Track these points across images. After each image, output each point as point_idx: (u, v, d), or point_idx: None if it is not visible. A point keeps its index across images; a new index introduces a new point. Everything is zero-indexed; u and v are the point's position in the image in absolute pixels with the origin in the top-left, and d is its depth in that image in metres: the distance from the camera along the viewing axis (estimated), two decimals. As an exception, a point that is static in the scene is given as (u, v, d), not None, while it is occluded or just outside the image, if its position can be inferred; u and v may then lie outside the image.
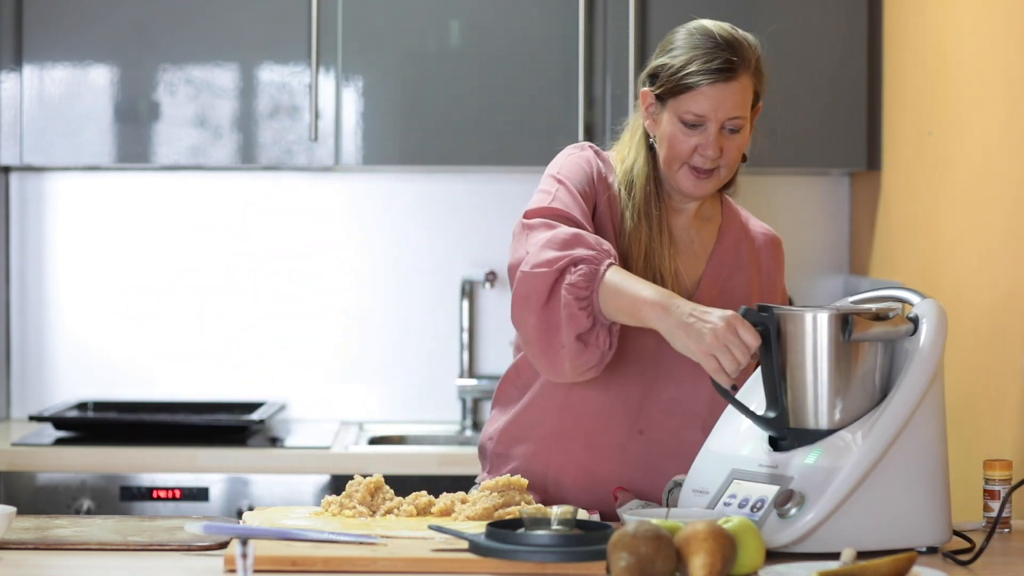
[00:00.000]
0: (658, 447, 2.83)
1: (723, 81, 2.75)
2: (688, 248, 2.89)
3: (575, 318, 2.66)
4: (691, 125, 2.77)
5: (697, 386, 2.82)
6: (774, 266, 3.00)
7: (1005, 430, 3.24)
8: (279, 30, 4.23)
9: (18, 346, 4.54)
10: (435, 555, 2.39)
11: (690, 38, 2.79)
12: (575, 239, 2.71)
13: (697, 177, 2.81)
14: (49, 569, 2.42)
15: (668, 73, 2.77)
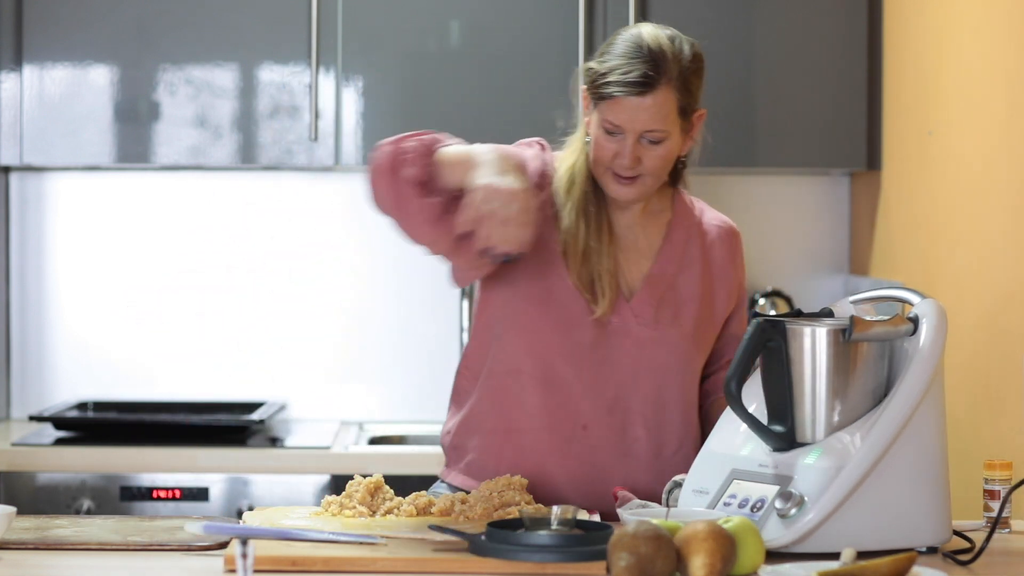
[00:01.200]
0: (603, 444, 2.84)
1: (637, 95, 2.76)
2: (632, 245, 2.89)
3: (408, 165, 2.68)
4: (611, 133, 2.78)
5: (638, 386, 2.83)
6: (728, 259, 2.98)
7: (1005, 430, 3.24)
8: (279, 30, 4.23)
9: (18, 346, 4.54)
10: (435, 555, 2.39)
11: (621, 44, 2.80)
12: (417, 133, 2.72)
13: (618, 183, 2.81)
14: (49, 569, 2.42)
15: (592, 78, 2.79)
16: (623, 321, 2.84)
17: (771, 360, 2.55)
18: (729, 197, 4.62)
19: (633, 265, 2.88)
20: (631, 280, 2.87)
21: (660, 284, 2.87)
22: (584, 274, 2.81)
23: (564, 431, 2.83)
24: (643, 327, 2.84)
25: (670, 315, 2.87)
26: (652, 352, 2.85)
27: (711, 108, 4.28)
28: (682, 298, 2.88)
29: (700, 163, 4.31)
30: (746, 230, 4.60)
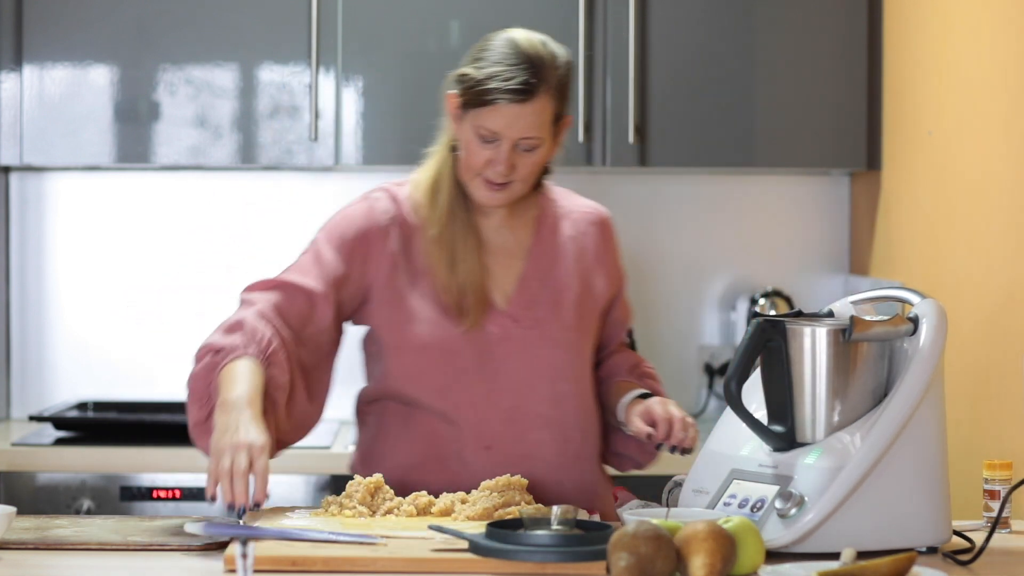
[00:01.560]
0: (508, 457, 2.82)
1: (518, 102, 2.74)
2: (503, 248, 2.88)
3: (190, 407, 2.71)
4: (485, 140, 2.76)
5: (533, 389, 2.83)
6: (602, 244, 2.96)
7: (1005, 430, 3.24)
8: (279, 30, 4.23)
9: (18, 346, 4.54)
10: (435, 555, 2.39)
11: (497, 50, 2.78)
12: (233, 327, 2.72)
13: (489, 189, 2.80)
14: (49, 569, 2.42)
15: (468, 84, 2.77)
16: (504, 329, 2.82)
17: (771, 360, 2.55)
18: (729, 197, 4.62)
19: (506, 268, 2.87)
20: (505, 284, 2.86)
21: (534, 283, 2.86)
22: (452, 286, 2.79)
23: (468, 455, 2.81)
24: (526, 330, 2.83)
25: (550, 312, 2.86)
26: (540, 352, 2.84)
27: (711, 108, 4.30)
28: (560, 292, 2.87)
29: (701, 163, 4.33)
30: (746, 230, 4.62)
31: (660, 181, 4.61)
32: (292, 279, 2.81)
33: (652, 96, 4.27)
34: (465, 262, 2.80)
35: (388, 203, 2.86)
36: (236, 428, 2.53)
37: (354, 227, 2.85)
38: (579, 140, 4.23)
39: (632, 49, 4.24)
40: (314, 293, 2.79)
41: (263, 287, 2.82)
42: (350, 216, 2.87)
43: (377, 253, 2.82)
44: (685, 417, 2.78)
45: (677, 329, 4.61)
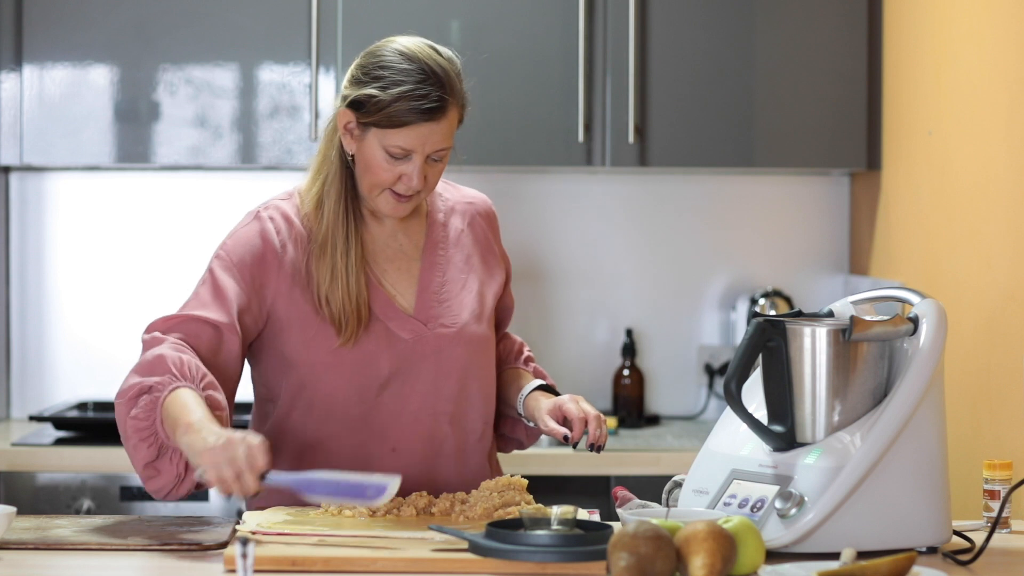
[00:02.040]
0: (413, 457, 2.81)
1: (433, 121, 2.72)
2: (400, 253, 2.86)
3: (138, 449, 2.64)
4: (396, 157, 2.74)
5: (440, 389, 2.82)
6: (490, 231, 2.97)
7: (1005, 430, 3.24)
8: (279, 30, 4.23)
9: (18, 346, 4.54)
10: (435, 555, 2.39)
11: (399, 67, 2.73)
12: (156, 365, 2.64)
13: (398, 201, 2.78)
14: (49, 569, 2.42)
15: (378, 106, 2.71)
16: (417, 334, 2.81)
17: (771, 360, 2.55)
18: (729, 197, 4.62)
19: (404, 273, 2.86)
20: (405, 290, 2.84)
21: (434, 282, 2.86)
22: (332, 300, 2.76)
23: (371, 460, 2.79)
24: (437, 331, 2.82)
25: (456, 309, 2.85)
26: (452, 352, 2.83)
27: (712, 108, 4.30)
28: (460, 286, 2.87)
29: (700, 163, 4.33)
30: (746, 230, 4.62)
31: (660, 181, 4.61)
32: (196, 313, 2.76)
33: (652, 96, 4.27)
34: (344, 277, 2.77)
35: (280, 220, 2.82)
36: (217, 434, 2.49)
37: (249, 251, 2.79)
38: (579, 140, 4.23)
39: (632, 49, 4.24)
40: (220, 325, 2.74)
41: (166, 324, 2.76)
42: (243, 239, 2.81)
43: (275, 273, 2.79)
44: (599, 414, 2.78)
45: (677, 329, 4.62)
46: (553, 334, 4.61)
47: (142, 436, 2.63)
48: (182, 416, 2.55)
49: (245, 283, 2.78)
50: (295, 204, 2.85)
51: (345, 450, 2.80)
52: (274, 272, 2.79)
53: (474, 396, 2.86)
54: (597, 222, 4.61)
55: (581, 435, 2.78)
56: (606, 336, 4.61)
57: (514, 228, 4.59)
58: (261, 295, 2.79)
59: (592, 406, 2.81)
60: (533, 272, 4.59)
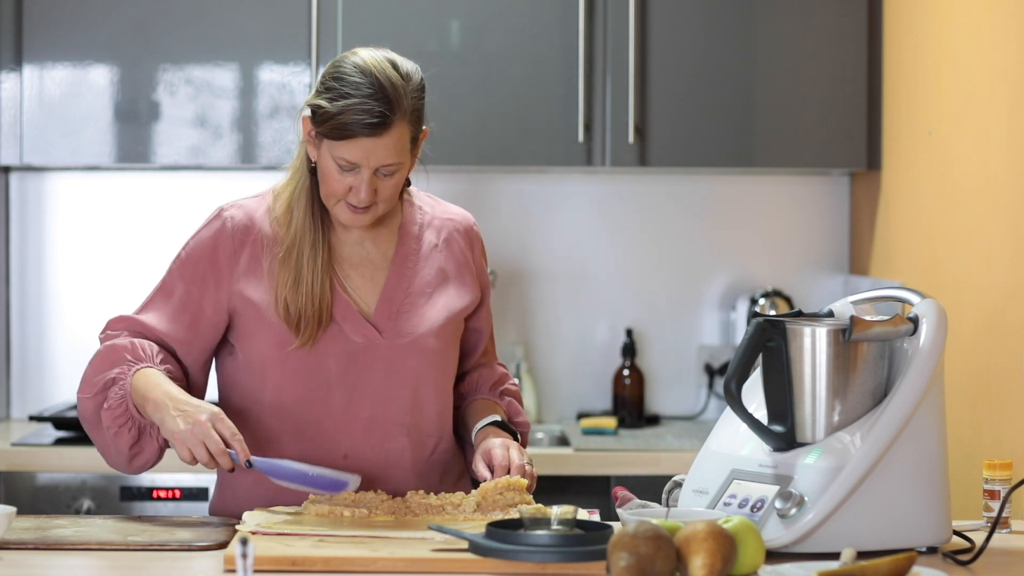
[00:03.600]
0: (365, 465, 2.81)
1: (374, 135, 2.72)
2: (366, 260, 2.86)
3: (120, 436, 2.76)
4: (344, 169, 2.74)
5: (393, 398, 2.82)
6: (468, 250, 2.95)
7: (1005, 430, 3.24)
8: (279, 30, 4.23)
9: (18, 346, 4.54)
10: (435, 555, 2.39)
11: (351, 79, 2.73)
12: (111, 355, 2.78)
13: (353, 212, 2.78)
14: (49, 569, 2.42)
15: (324, 117, 2.73)
16: (368, 339, 2.81)
17: (771, 360, 2.55)
18: (729, 197, 4.62)
19: (369, 281, 2.86)
20: (368, 296, 2.85)
21: (398, 293, 2.85)
22: (292, 304, 2.78)
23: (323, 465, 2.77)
24: (390, 340, 2.82)
25: (415, 319, 2.85)
26: (404, 362, 2.83)
27: (712, 108, 4.30)
28: (425, 299, 2.87)
29: (700, 163, 4.34)
30: (746, 230, 4.62)
31: (660, 181, 4.61)
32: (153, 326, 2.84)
33: (652, 96, 4.27)
34: (309, 283, 2.79)
35: (241, 219, 2.84)
36: (184, 412, 2.65)
37: (208, 254, 2.84)
38: (579, 140, 4.23)
39: (632, 49, 4.24)
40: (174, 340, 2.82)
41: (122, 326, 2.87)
42: (202, 241, 2.85)
43: (228, 273, 2.82)
44: (524, 464, 2.77)
45: (677, 329, 4.62)
46: (553, 334, 4.61)
47: (120, 423, 2.75)
48: (148, 394, 2.70)
49: (198, 286, 2.83)
50: (267, 203, 2.86)
51: (297, 452, 2.80)
52: (227, 273, 2.82)
53: (429, 409, 2.86)
54: (597, 222, 4.61)
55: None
56: (606, 336, 4.61)
57: (514, 228, 4.59)
58: (215, 296, 2.82)
59: (523, 455, 2.79)
60: (533, 272, 4.59)
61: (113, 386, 2.75)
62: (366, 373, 2.81)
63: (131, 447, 2.77)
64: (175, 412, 2.66)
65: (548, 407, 4.61)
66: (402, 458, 2.83)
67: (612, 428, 4.29)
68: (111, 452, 2.79)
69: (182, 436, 2.65)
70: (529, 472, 2.77)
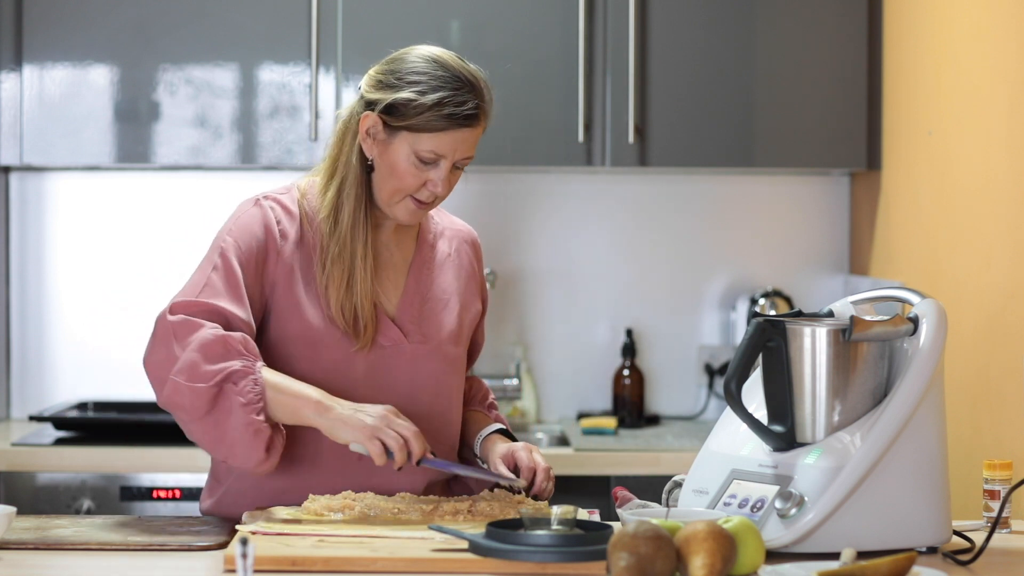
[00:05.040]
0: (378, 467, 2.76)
1: (470, 127, 2.75)
2: (389, 262, 2.88)
3: (261, 432, 2.67)
4: (425, 162, 2.75)
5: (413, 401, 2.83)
6: (475, 265, 2.99)
7: (1005, 430, 3.24)
8: (279, 30, 4.23)
9: (18, 346, 4.54)
10: (435, 555, 2.39)
11: (436, 73, 2.75)
12: (224, 347, 2.68)
13: (418, 207, 2.80)
14: (49, 569, 2.42)
15: (417, 110, 2.74)
16: (394, 342, 2.83)
17: (771, 360, 2.55)
18: (729, 197, 4.62)
19: (392, 283, 2.87)
20: (392, 298, 2.86)
21: (417, 297, 2.87)
22: (347, 305, 2.78)
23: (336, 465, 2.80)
24: (414, 344, 2.84)
25: (435, 324, 2.87)
26: (425, 366, 2.84)
27: (712, 108, 4.30)
28: (442, 304, 2.89)
29: (700, 163, 4.33)
30: (746, 230, 4.62)
31: (660, 181, 4.61)
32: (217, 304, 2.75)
33: (652, 96, 4.27)
34: (363, 283, 2.80)
35: (280, 211, 2.84)
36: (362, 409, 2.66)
37: (254, 237, 2.82)
38: (579, 140, 4.23)
39: (632, 49, 4.24)
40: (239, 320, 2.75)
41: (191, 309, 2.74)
42: (247, 226, 2.83)
43: (274, 262, 2.81)
44: (548, 468, 2.80)
45: (677, 329, 4.62)
46: (553, 334, 4.61)
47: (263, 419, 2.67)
48: (298, 394, 2.67)
49: (252, 271, 2.80)
50: (295, 199, 2.86)
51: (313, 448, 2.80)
52: (273, 260, 2.81)
53: (443, 416, 2.88)
54: (597, 222, 4.61)
55: (527, 484, 2.78)
56: (606, 336, 4.61)
57: (514, 228, 4.59)
58: (263, 283, 2.81)
59: (543, 458, 2.82)
60: (533, 272, 4.59)
61: (240, 380, 2.66)
62: (391, 375, 2.82)
63: (267, 446, 2.68)
64: (349, 410, 2.65)
65: (548, 407, 4.61)
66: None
67: (612, 428, 4.29)
68: (236, 447, 2.68)
69: (374, 429, 2.62)
70: (551, 476, 2.80)
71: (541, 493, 2.79)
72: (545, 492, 2.79)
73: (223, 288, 2.76)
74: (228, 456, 2.70)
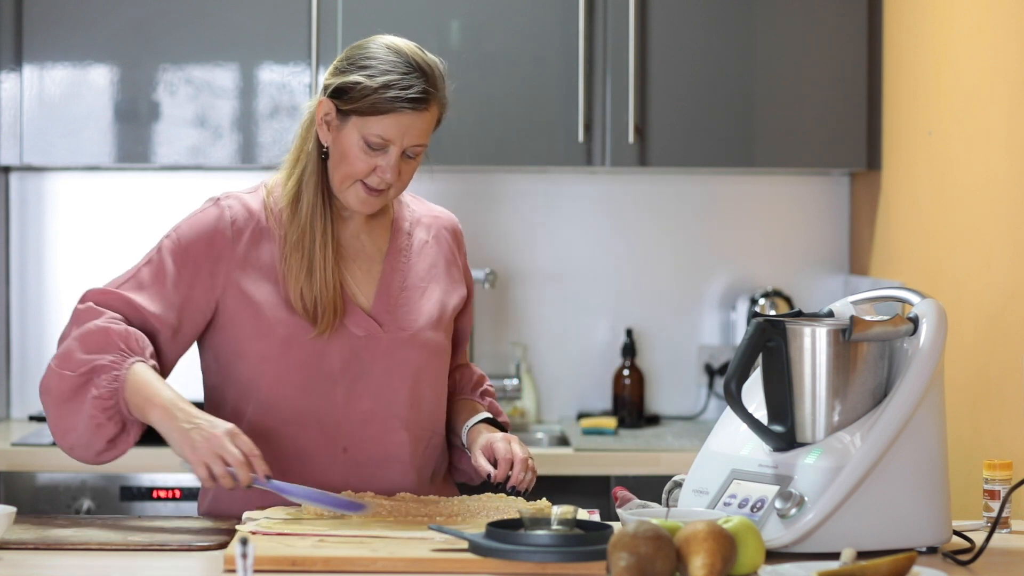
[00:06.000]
0: (365, 458, 2.81)
1: (416, 111, 2.74)
2: (361, 253, 2.87)
3: (103, 428, 2.69)
4: (374, 147, 2.75)
5: (393, 391, 2.83)
6: (456, 248, 2.99)
7: (1005, 430, 3.24)
8: (279, 30, 4.23)
9: (18, 346, 4.54)
10: (435, 555, 2.39)
11: (387, 58, 2.75)
12: (104, 338, 2.70)
13: (368, 194, 2.79)
14: (49, 569, 2.42)
15: (363, 93, 2.74)
16: (369, 332, 2.82)
17: (771, 360, 2.55)
18: (729, 197, 4.62)
19: (365, 274, 2.87)
20: (366, 289, 2.85)
21: (394, 286, 2.87)
22: (308, 293, 2.78)
23: (325, 458, 2.81)
24: (390, 333, 2.83)
25: (413, 313, 2.86)
26: (404, 355, 2.84)
27: (712, 108, 4.30)
28: (419, 291, 2.88)
29: (700, 163, 4.34)
30: (746, 230, 4.62)
31: (660, 181, 4.61)
32: (133, 298, 2.78)
33: (652, 96, 4.27)
34: (322, 270, 2.79)
35: (239, 209, 2.83)
36: (197, 426, 2.60)
37: (202, 237, 2.82)
38: (579, 140, 4.23)
39: (632, 49, 4.24)
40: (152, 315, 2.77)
41: (102, 299, 2.79)
42: (197, 225, 2.84)
43: (225, 262, 2.80)
44: (528, 458, 2.79)
45: (677, 329, 4.62)
46: (553, 334, 4.61)
47: (109, 415, 2.69)
48: (152, 398, 2.66)
49: (190, 271, 2.80)
50: (261, 197, 2.86)
51: (296, 445, 2.80)
52: (224, 261, 2.81)
53: (427, 402, 2.87)
54: (597, 222, 4.61)
55: (503, 476, 2.78)
56: (606, 336, 4.61)
57: (514, 228, 4.59)
58: (208, 284, 2.80)
59: (524, 449, 2.81)
60: (533, 272, 4.59)
61: (103, 373, 2.69)
62: (367, 366, 2.81)
63: (108, 441, 2.72)
64: (187, 424, 2.63)
65: (548, 407, 4.61)
66: (401, 451, 2.84)
67: (612, 428, 4.29)
68: (80, 438, 2.71)
69: (198, 450, 2.60)
70: (531, 466, 2.78)
71: (519, 484, 2.77)
72: (524, 483, 2.77)
73: (149, 282, 2.80)
74: (69, 448, 2.73)
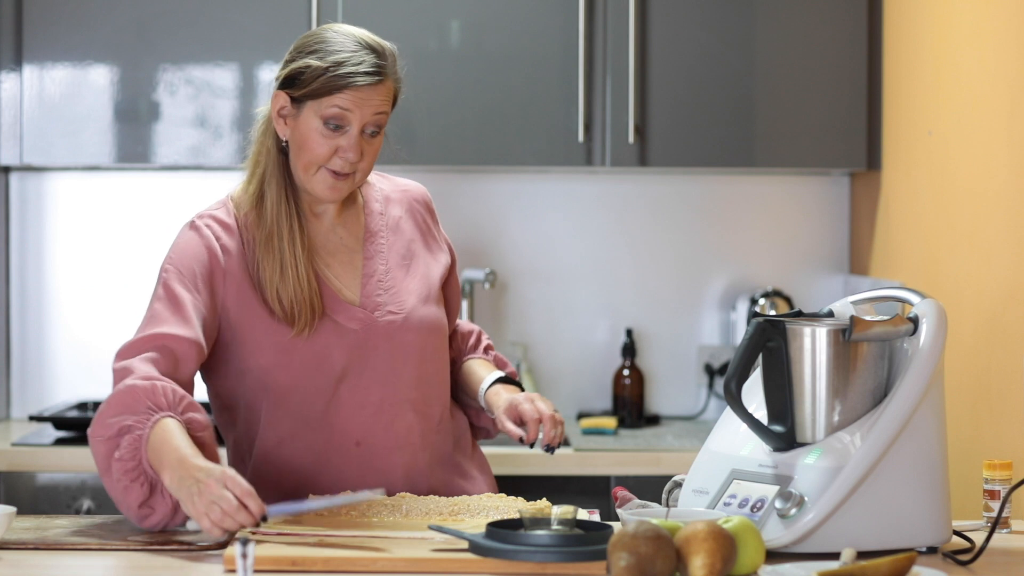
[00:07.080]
0: (378, 450, 2.81)
1: (370, 85, 2.75)
2: (340, 247, 2.87)
3: (130, 491, 2.59)
4: (334, 127, 2.75)
5: (399, 376, 2.83)
6: (430, 218, 2.99)
7: (1005, 430, 3.24)
8: (279, 30, 4.23)
9: (18, 346, 4.54)
10: (435, 555, 2.39)
11: (336, 39, 2.78)
12: (130, 398, 2.60)
13: (335, 179, 2.78)
14: (49, 569, 2.42)
15: (315, 74, 2.75)
16: (365, 324, 2.82)
17: (771, 360, 2.55)
18: (729, 197, 4.62)
19: (347, 266, 2.86)
20: (350, 282, 2.85)
21: (378, 271, 2.87)
22: (284, 292, 2.77)
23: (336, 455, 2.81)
24: (385, 318, 2.83)
25: (402, 291, 2.87)
26: (403, 337, 2.84)
27: (712, 108, 4.30)
28: (405, 272, 2.89)
29: (700, 163, 4.34)
30: (746, 230, 4.62)
31: (660, 181, 4.61)
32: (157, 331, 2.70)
33: (652, 96, 4.27)
34: (294, 267, 2.78)
35: (217, 227, 2.82)
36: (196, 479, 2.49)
37: (195, 260, 2.78)
38: (579, 140, 4.23)
39: (632, 49, 4.24)
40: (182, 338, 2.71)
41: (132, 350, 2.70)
42: (186, 250, 2.80)
43: (220, 279, 2.79)
44: (554, 414, 2.80)
45: (677, 329, 4.62)
46: (553, 334, 4.61)
47: (132, 477, 2.60)
48: (164, 457, 2.55)
49: (198, 292, 2.77)
50: (230, 210, 2.85)
51: (309, 448, 2.80)
52: (220, 279, 2.80)
53: (433, 380, 2.88)
54: (597, 222, 4.61)
55: (536, 436, 2.79)
56: (606, 336, 4.61)
57: (514, 228, 4.59)
58: (212, 303, 2.78)
59: (549, 404, 2.82)
60: (533, 272, 4.59)
61: (127, 434, 2.59)
62: (371, 357, 2.81)
63: (141, 505, 2.60)
64: (188, 480, 2.50)
65: (548, 407, 4.61)
66: (411, 434, 2.84)
67: (612, 428, 4.29)
68: (120, 504, 2.63)
69: (196, 504, 2.47)
70: (559, 420, 2.80)
71: (551, 441, 2.78)
72: (556, 439, 2.79)
73: (168, 314, 2.73)
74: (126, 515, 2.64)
